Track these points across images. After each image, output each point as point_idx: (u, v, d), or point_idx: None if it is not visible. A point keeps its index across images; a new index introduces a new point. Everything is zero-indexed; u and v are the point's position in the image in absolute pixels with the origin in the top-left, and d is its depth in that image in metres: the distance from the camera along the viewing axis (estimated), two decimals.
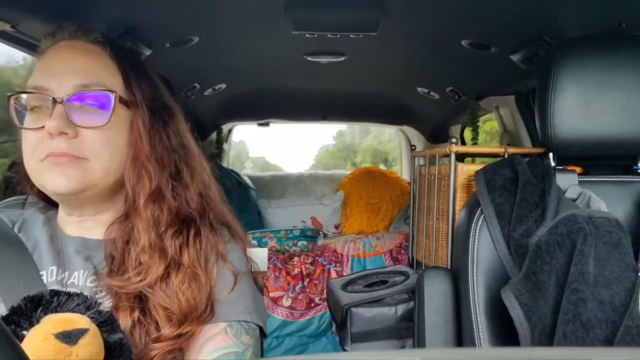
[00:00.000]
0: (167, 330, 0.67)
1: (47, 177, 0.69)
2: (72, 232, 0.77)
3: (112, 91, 0.71)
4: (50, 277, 0.72)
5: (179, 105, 0.83)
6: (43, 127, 0.68)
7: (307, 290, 2.26)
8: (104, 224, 0.75)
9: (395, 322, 1.57)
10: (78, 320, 0.51)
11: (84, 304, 0.55)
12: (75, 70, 0.71)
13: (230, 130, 3.30)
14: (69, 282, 0.73)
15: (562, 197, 0.96)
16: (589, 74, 0.95)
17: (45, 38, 0.76)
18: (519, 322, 0.85)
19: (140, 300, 0.69)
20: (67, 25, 0.76)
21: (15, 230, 0.76)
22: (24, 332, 0.51)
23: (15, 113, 0.72)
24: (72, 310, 0.54)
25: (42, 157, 0.69)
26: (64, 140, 0.68)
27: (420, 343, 1.07)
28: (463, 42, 1.46)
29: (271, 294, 2.21)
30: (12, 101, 0.72)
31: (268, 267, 2.00)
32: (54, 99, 0.69)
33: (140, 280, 0.69)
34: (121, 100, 0.73)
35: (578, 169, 1.06)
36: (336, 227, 2.92)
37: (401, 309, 1.59)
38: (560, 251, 0.86)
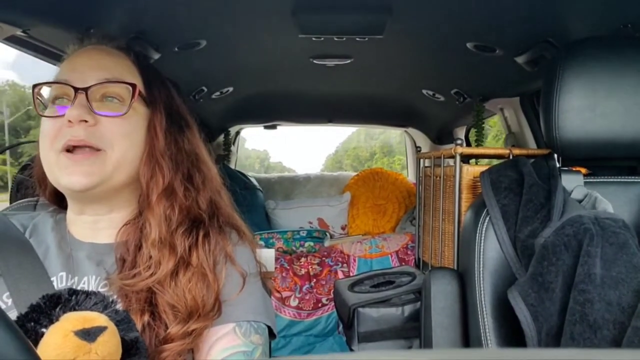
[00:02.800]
0: (174, 329, 0.68)
1: (64, 173, 0.71)
2: (83, 237, 0.77)
3: (132, 84, 0.74)
4: (60, 283, 0.73)
5: (194, 118, 0.86)
6: (64, 115, 0.70)
7: (314, 290, 2.27)
8: (116, 226, 0.77)
9: (402, 322, 1.58)
10: (97, 319, 0.52)
11: (102, 303, 0.56)
12: (98, 65, 0.74)
13: (237, 133, 3.31)
14: (78, 287, 0.73)
15: (567, 198, 0.96)
16: (594, 76, 0.95)
17: (72, 43, 0.79)
18: (525, 322, 0.85)
19: (150, 304, 0.70)
20: (94, 32, 0.81)
21: (27, 235, 0.77)
22: (43, 330, 0.52)
23: (37, 103, 0.75)
24: (89, 309, 0.55)
25: (59, 147, 0.70)
26: (82, 129, 0.70)
27: (427, 343, 1.07)
28: (468, 45, 1.47)
29: (278, 294, 2.23)
30: (35, 92, 0.74)
31: (275, 268, 2.01)
32: (75, 88, 0.71)
33: (151, 275, 0.70)
34: (141, 95, 0.76)
35: (583, 170, 1.06)
36: (343, 228, 2.92)
37: (408, 309, 1.59)
38: (567, 252, 0.86)
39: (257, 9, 1.29)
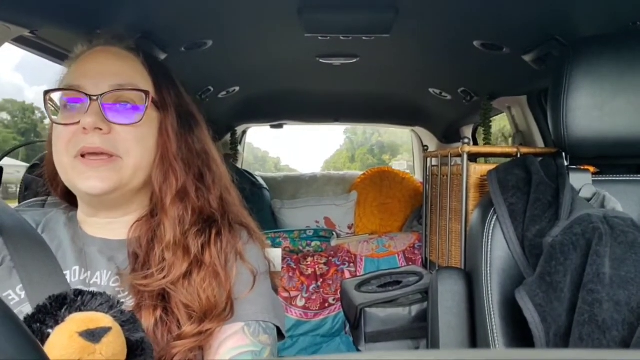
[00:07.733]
0: (188, 328, 0.68)
1: (81, 178, 0.72)
2: (95, 233, 0.79)
3: (145, 91, 0.74)
4: (73, 277, 0.74)
5: (202, 114, 0.86)
6: (77, 122, 0.71)
7: (321, 290, 2.27)
8: (128, 225, 0.78)
9: (409, 322, 1.58)
10: (101, 319, 0.52)
11: (107, 304, 0.56)
12: (110, 71, 0.75)
13: (244, 132, 3.32)
14: (91, 282, 0.74)
15: (576, 197, 0.95)
16: (602, 74, 0.94)
17: (81, 44, 0.80)
18: (533, 323, 0.84)
19: (163, 299, 0.70)
20: (103, 33, 0.81)
21: (39, 230, 0.78)
22: (49, 331, 0.52)
23: (49, 108, 0.75)
24: (95, 309, 0.55)
25: (75, 152, 0.71)
26: (98, 136, 0.71)
27: (434, 343, 1.07)
28: (475, 43, 1.46)
29: (285, 294, 2.23)
30: (47, 97, 0.75)
31: (282, 268, 2.02)
32: (90, 96, 0.72)
33: (164, 277, 0.70)
34: (153, 101, 0.76)
35: (592, 169, 1.05)
36: (349, 227, 2.92)
37: (415, 309, 1.59)
38: (575, 251, 0.85)
39: (263, 8, 1.29)
